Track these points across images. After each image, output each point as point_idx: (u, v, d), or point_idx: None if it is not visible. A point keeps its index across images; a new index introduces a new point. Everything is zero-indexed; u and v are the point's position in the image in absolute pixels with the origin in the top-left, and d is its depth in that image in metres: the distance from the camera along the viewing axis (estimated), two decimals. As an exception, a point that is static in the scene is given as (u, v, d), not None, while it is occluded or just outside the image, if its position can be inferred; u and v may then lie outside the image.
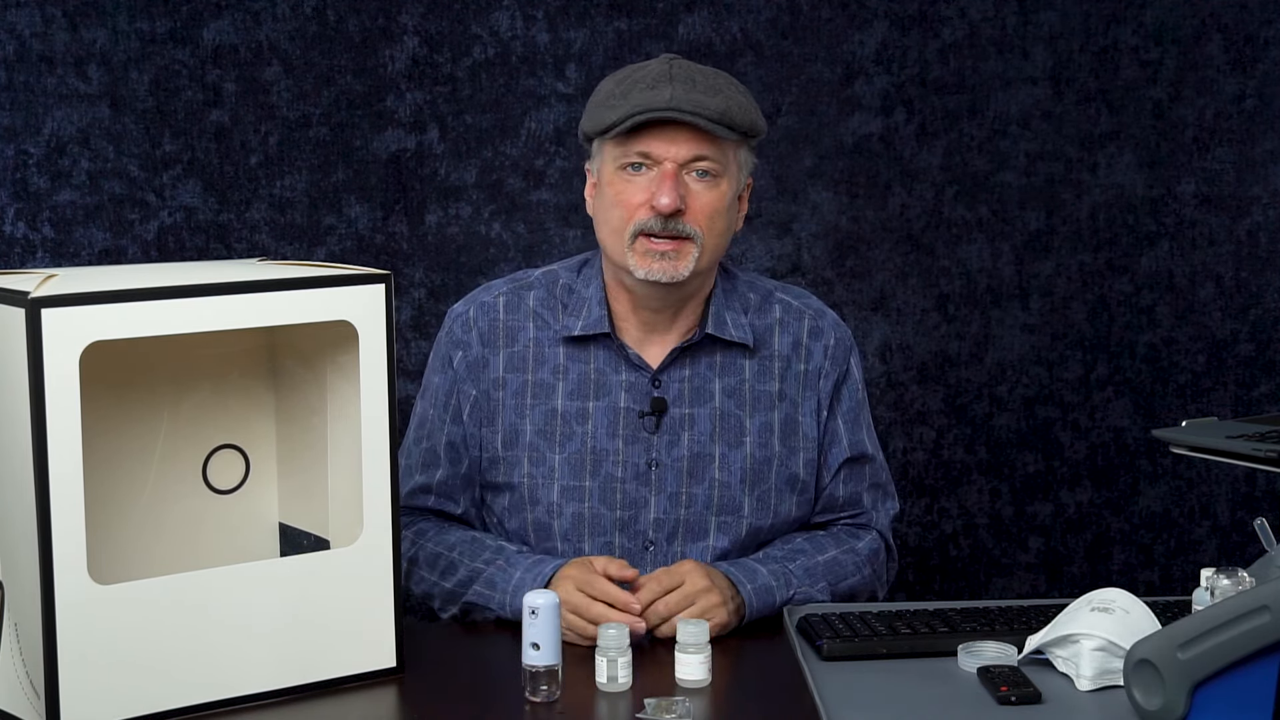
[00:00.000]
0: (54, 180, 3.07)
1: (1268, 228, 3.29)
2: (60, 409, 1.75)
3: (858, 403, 2.33)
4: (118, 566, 1.96)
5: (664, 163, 2.15)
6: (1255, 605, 1.68)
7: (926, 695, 1.89)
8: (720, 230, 2.19)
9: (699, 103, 2.13)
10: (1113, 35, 3.23)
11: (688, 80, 2.15)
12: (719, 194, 2.18)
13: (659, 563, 2.23)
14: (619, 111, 2.14)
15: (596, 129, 2.18)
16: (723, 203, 2.18)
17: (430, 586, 2.21)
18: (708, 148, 2.15)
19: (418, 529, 2.25)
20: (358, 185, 3.14)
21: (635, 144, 2.15)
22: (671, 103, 2.12)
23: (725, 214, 2.19)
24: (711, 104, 2.13)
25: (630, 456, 2.23)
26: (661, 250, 2.15)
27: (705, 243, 2.17)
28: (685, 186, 2.15)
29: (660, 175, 2.15)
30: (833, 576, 2.24)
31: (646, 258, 2.16)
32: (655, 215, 2.14)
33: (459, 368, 2.27)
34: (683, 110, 2.12)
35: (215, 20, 3.08)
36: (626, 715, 1.86)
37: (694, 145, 2.15)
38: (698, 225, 2.16)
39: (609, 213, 2.19)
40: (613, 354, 2.26)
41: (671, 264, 2.16)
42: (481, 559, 2.19)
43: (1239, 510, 3.35)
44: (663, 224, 2.14)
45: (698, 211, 2.16)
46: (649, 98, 2.13)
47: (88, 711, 1.80)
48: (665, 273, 2.16)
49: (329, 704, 1.92)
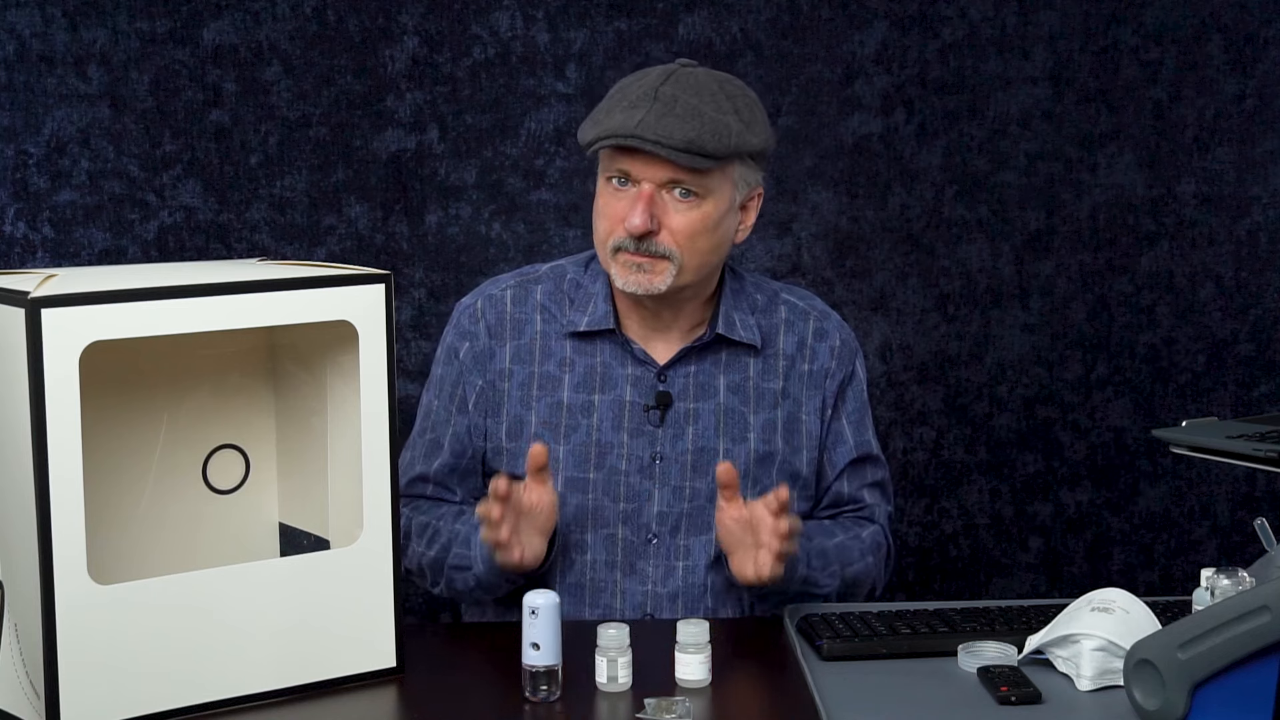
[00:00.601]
0: (54, 180, 3.07)
1: (1268, 228, 3.29)
2: (60, 409, 1.75)
3: (863, 404, 2.35)
4: (118, 567, 1.96)
5: (642, 183, 2.15)
6: (1255, 605, 1.68)
7: (926, 695, 1.89)
8: (704, 248, 2.18)
9: (666, 131, 2.10)
10: (1113, 35, 3.23)
11: (669, 101, 2.12)
12: (700, 214, 2.16)
13: (662, 556, 2.24)
14: (598, 128, 2.14)
15: (581, 140, 2.19)
16: (705, 222, 2.16)
17: (419, 558, 2.24)
18: (684, 171, 2.14)
19: (414, 505, 2.28)
20: (358, 185, 3.14)
21: (617, 161, 2.16)
22: (637, 130, 2.11)
23: (709, 232, 2.17)
24: (679, 132, 2.10)
25: (635, 450, 2.25)
26: (638, 263, 2.16)
27: (685, 261, 2.16)
28: (663, 206, 2.15)
29: (634, 196, 2.15)
30: (842, 560, 2.25)
31: (625, 269, 2.17)
32: (627, 235, 2.15)
33: (465, 358, 2.28)
34: (645, 139, 2.10)
35: (215, 20, 3.08)
36: (626, 715, 1.86)
37: (670, 169, 2.14)
38: (674, 244, 2.15)
39: (596, 222, 2.22)
40: (618, 349, 2.27)
41: (647, 277, 2.16)
42: (460, 520, 2.21)
43: (1239, 510, 3.35)
44: (635, 244, 2.15)
45: (675, 231, 2.15)
46: (622, 120, 2.12)
47: (88, 711, 1.80)
48: (641, 285, 2.17)
49: (329, 704, 1.92)
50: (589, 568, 2.24)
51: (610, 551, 2.25)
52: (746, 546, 2.12)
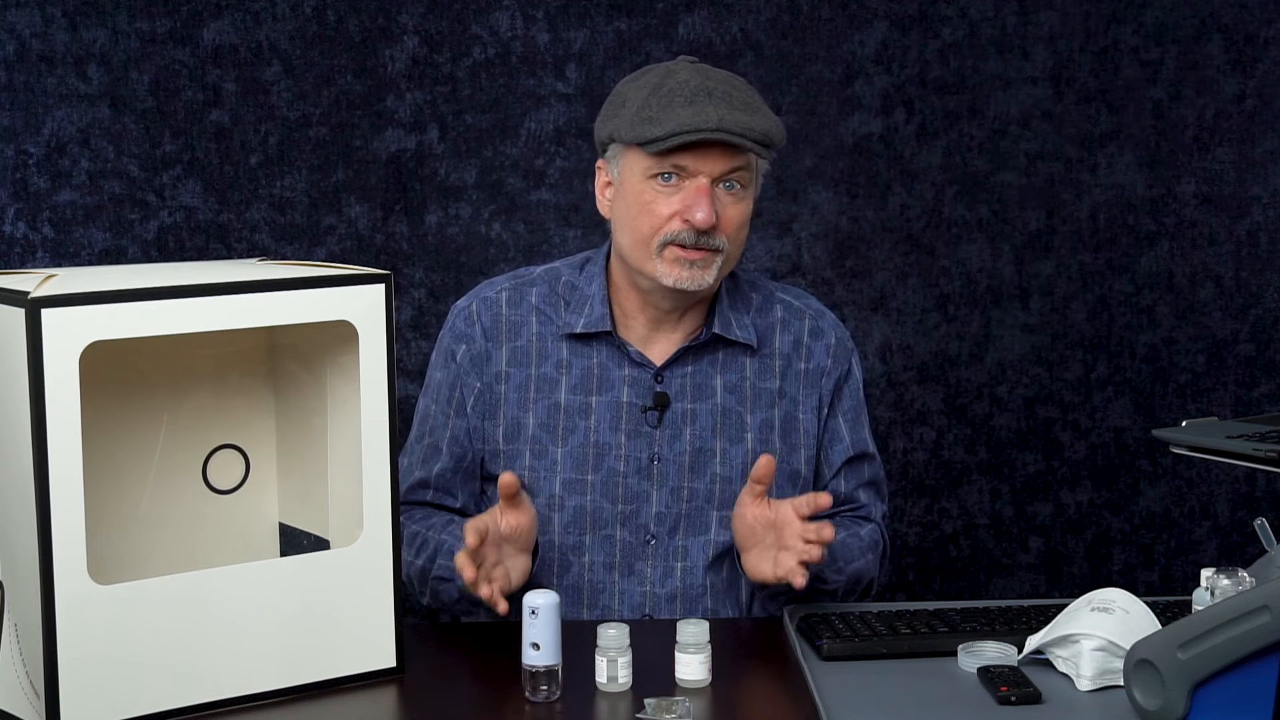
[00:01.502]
0: (54, 180, 3.07)
1: (1268, 228, 3.29)
2: (60, 409, 1.75)
3: (859, 402, 2.36)
4: (118, 566, 1.96)
5: (698, 176, 2.16)
6: (1255, 605, 1.68)
7: (926, 695, 1.89)
8: (743, 239, 2.23)
9: (745, 125, 2.14)
10: (1113, 35, 3.23)
11: (726, 97, 2.15)
12: (745, 206, 2.20)
13: (660, 557, 2.24)
14: (663, 127, 2.14)
15: (636, 140, 2.16)
16: (747, 214, 2.22)
17: (408, 567, 2.22)
18: (739, 163, 2.17)
19: (408, 514, 2.27)
20: (358, 185, 3.14)
21: (671, 157, 2.16)
22: (721, 124, 2.13)
23: (747, 224, 2.23)
24: (756, 125, 2.15)
25: (632, 451, 2.25)
26: (691, 260, 2.17)
27: (730, 252, 2.20)
28: (718, 200, 2.17)
29: (695, 190, 2.15)
30: (845, 558, 2.25)
31: (675, 265, 2.17)
32: (688, 228, 2.15)
33: (462, 361, 2.28)
34: (732, 133, 2.13)
35: (215, 20, 3.08)
36: (626, 715, 1.86)
37: (729, 160, 2.16)
38: (726, 237, 2.18)
39: (636, 220, 2.19)
40: (615, 350, 2.27)
41: (700, 273, 2.17)
42: (447, 530, 2.20)
43: (1239, 510, 3.35)
44: (696, 238, 2.16)
45: (727, 224, 2.18)
46: (694, 117, 2.13)
47: (88, 711, 1.80)
48: (694, 281, 2.17)
49: (329, 704, 1.92)
50: (587, 569, 2.24)
51: (608, 553, 2.25)
52: (766, 546, 2.11)
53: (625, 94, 2.21)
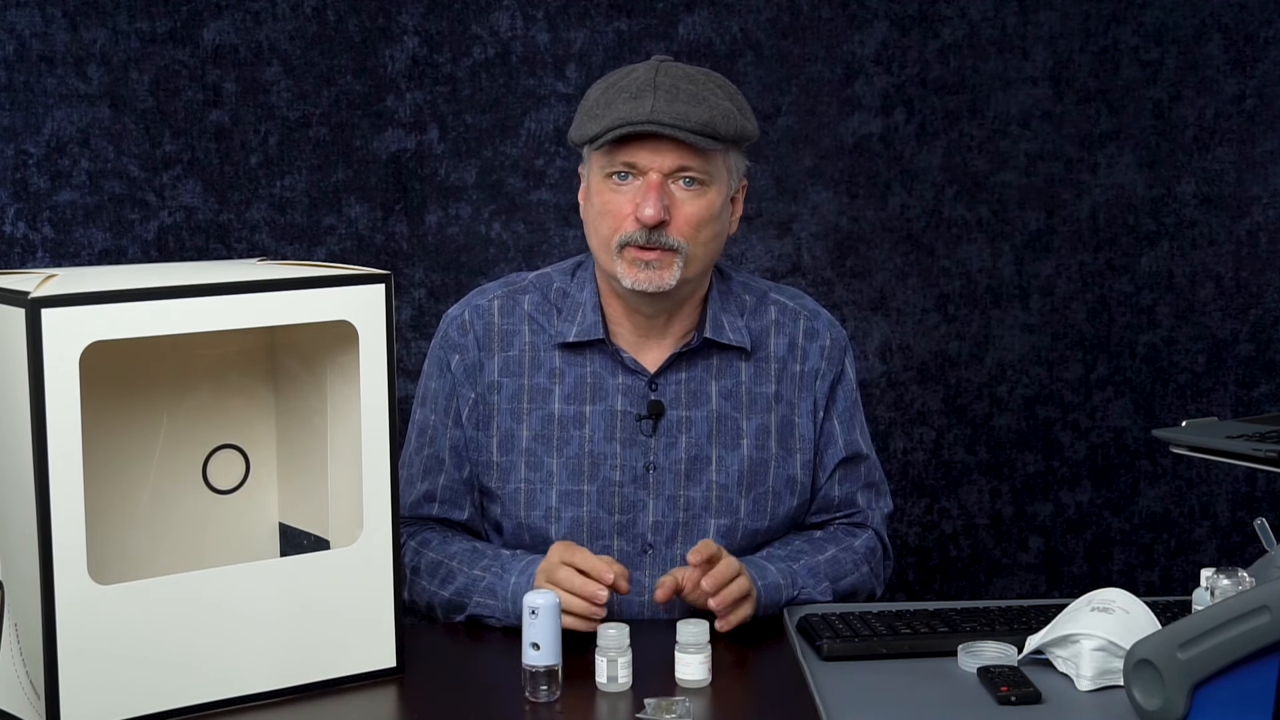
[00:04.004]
0: (54, 180, 3.07)
1: (1268, 228, 3.29)
2: (60, 409, 1.75)
3: (853, 403, 2.33)
4: (118, 566, 1.96)
5: (649, 173, 2.14)
6: (1255, 605, 1.68)
7: (926, 695, 1.89)
8: (707, 238, 2.18)
9: (681, 114, 2.11)
10: (1113, 35, 3.23)
11: (671, 90, 2.12)
12: (706, 202, 2.16)
13: (657, 566, 2.23)
14: (601, 123, 2.13)
15: (581, 138, 2.17)
16: (710, 210, 2.16)
17: (431, 595, 2.20)
18: (693, 158, 2.14)
19: (421, 538, 2.24)
20: (358, 185, 3.14)
21: (620, 154, 2.14)
22: (653, 115, 2.10)
23: (713, 221, 2.18)
24: (694, 115, 2.11)
25: (628, 460, 2.23)
26: (647, 260, 2.14)
27: (691, 252, 2.15)
28: (671, 196, 2.14)
29: (645, 186, 2.13)
30: (834, 575, 2.24)
31: (633, 267, 2.15)
32: (640, 227, 2.13)
33: (457, 371, 2.26)
34: (663, 124, 2.10)
35: (215, 20, 3.08)
36: (626, 715, 1.86)
37: (679, 155, 2.13)
38: (682, 236, 2.14)
39: (597, 222, 2.18)
40: (608, 358, 2.25)
41: (657, 274, 2.14)
42: (479, 565, 2.17)
43: (1239, 510, 3.35)
44: (647, 236, 2.13)
45: (682, 222, 2.14)
46: (631, 109, 2.11)
47: (88, 711, 1.80)
48: (651, 282, 2.14)
49: (329, 704, 1.92)
50: None
51: None
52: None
53: (589, 95, 2.20)
